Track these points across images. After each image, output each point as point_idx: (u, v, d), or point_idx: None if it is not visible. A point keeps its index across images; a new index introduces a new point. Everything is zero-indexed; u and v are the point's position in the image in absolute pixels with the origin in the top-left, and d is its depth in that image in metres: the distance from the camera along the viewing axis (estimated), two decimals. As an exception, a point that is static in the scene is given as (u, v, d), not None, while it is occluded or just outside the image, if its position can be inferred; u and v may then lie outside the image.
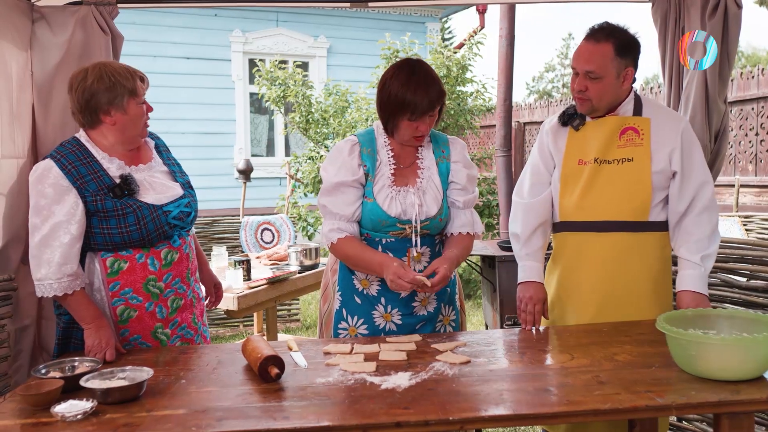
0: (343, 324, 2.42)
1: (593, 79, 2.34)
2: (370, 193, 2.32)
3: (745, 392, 1.71)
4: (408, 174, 2.37)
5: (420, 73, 2.24)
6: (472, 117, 7.76)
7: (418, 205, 2.30)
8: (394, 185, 2.33)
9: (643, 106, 2.45)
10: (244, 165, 6.71)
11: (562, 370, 1.92)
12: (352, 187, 2.31)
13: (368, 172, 2.32)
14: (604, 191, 2.40)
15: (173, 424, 1.62)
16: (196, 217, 2.43)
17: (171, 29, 9.16)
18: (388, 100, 2.26)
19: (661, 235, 2.44)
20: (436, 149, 2.41)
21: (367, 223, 2.34)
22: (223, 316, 5.65)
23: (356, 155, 2.33)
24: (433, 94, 2.22)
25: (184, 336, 2.39)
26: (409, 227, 2.31)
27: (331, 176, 2.32)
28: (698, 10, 2.81)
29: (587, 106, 2.41)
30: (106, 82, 2.18)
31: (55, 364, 1.99)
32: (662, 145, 2.38)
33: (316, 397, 1.76)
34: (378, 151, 2.36)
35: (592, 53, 2.34)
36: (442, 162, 2.39)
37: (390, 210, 2.29)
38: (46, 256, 2.14)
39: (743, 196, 6.75)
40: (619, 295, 2.40)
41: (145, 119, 2.30)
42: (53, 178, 2.15)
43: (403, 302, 2.37)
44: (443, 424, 1.61)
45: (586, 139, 2.45)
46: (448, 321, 2.48)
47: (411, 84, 2.21)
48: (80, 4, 2.77)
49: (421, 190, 2.34)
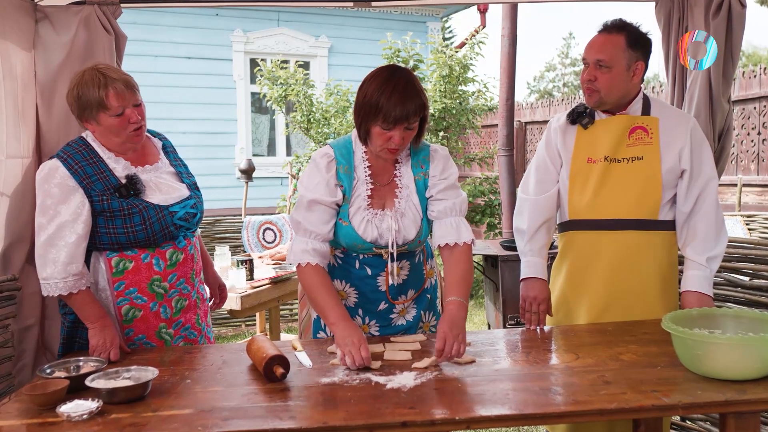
0: (321, 334, 2.37)
1: (603, 68, 2.34)
2: (345, 216, 2.19)
3: (751, 392, 1.71)
4: (385, 194, 2.24)
5: (400, 80, 2.07)
6: (473, 116, 7.76)
7: (395, 231, 2.18)
8: (370, 207, 2.21)
9: (652, 106, 2.45)
10: (246, 165, 6.70)
11: (567, 369, 1.92)
12: (327, 206, 2.18)
13: (344, 193, 2.20)
14: (616, 190, 2.40)
15: (179, 423, 1.62)
16: (201, 218, 2.43)
17: (172, 29, 9.15)
18: (362, 103, 2.10)
19: (670, 234, 2.44)
20: (414, 165, 2.25)
21: (341, 243, 2.24)
22: (225, 315, 5.65)
23: (333, 174, 2.19)
24: (409, 104, 2.04)
25: (188, 336, 2.39)
26: (386, 252, 2.21)
27: (309, 192, 2.18)
28: (702, 10, 2.81)
29: (595, 97, 2.39)
30: (74, 95, 2.18)
31: (60, 364, 1.99)
32: (672, 143, 2.39)
33: (321, 396, 1.77)
34: (355, 167, 2.22)
35: (604, 43, 2.36)
36: (420, 179, 2.24)
37: (366, 235, 2.19)
38: (51, 255, 2.14)
39: (745, 195, 6.74)
40: (629, 294, 2.40)
41: (131, 128, 2.21)
42: (60, 178, 2.16)
43: (381, 315, 2.30)
44: (449, 423, 1.61)
45: (595, 137, 2.45)
46: (428, 327, 2.40)
47: (387, 88, 2.05)
48: (83, 4, 2.77)
49: (399, 213, 2.21)
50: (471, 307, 6.89)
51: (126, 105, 2.18)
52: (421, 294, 2.37)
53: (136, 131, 2.24)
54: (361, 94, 2.12)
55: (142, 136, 2.28)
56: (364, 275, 2.27)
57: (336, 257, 2.31)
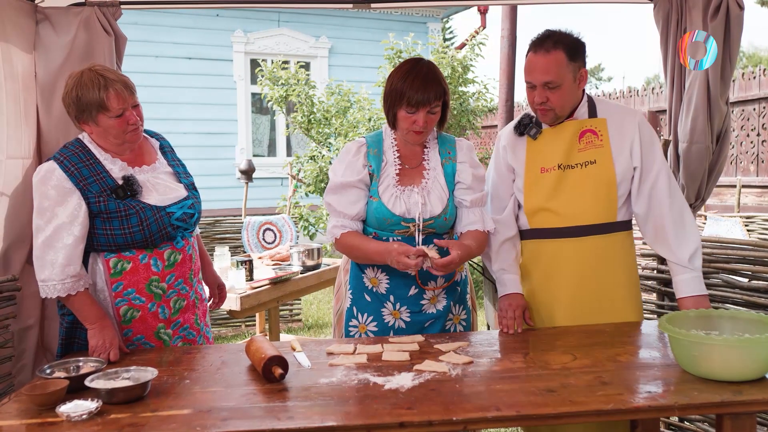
0: (354, 322, 2.46)
1: (552, 89, 2.31)
2: (375, 193, 2.36)
3: (748, 393, 1.72)
4: (413, 174, 2.40)
5: (421, 69, 2.30)
6: (474, 117, 7.77)
7: (421, 204, 2.33)
8: (398, 185, 2.37)
9: (597, 107, 2.45)
10: (246, 165, 6.71)
11: (565, 370, 1.92)
12: (356, 188, 2.36)
13: (373, 172, 2.37)
14: (573, 196, 2.40)
15: (178, 424, 1.62)
16: (199, 218, 2.44)
17: (173, 30, 9.17)
18: (389, 90, 2.32)
19: (628, 234, 2.48)
20: (442, 150, 2.43)
21: (372, 222, 2.37)
22: (225, 316, 5.66)
23: (362, 156, 2.39)
24: (430, 90, 2.26)
25: (186, 337, 2.40)
26: (413, 225, 2.34)
27: (337, 176, 2.38)
28: (700, 11, 2.81)
29: (550, 116, 2.38)
30: (73, 96, 2.18)
31: (59, 364, 1.99)
32: (621, 142, 2.40)
33: (320, 397, 1.77)
34: (384, 152, 2.41)
35: (546, 64, 2.30)
36: (447, 163, 2.41)
37: (394, 209, 2.33)
38: (49, 257, 2.15)
39: (745, 196, 6.75)
40: (596, 297, 2.41)
41: (129, 129, 2.22)
42: (56, 180, 2.16)
43: (412, 300, 2.39)
44: (447, 424, 1.62)
45: (546, 146, 2.45)
46: (458, 320, 2.50)
47: (409, 77, 2.27)
48: (83, 5, 2.78)
49: (425, 190, 2.36)
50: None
51: (126, 106, 2.19)
52: (452, 285, 2.46)
53: (134, 131, 2.24)
54: (388, 83, 2.34)
55: (139, 136, 2.29)
56: None
57: None
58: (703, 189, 2.97)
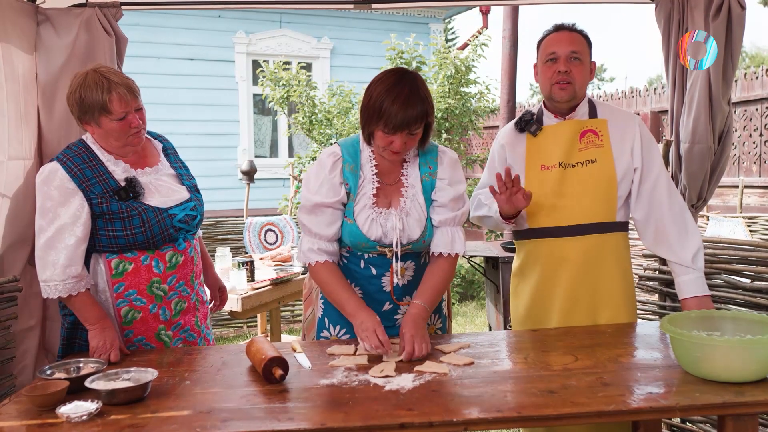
0: (325, 333, 2.38)
1: (576, 61, 2.37)
2: (350, 214, 2.21)
3: (750, 394, 1.71)
4: (391, 193, 2.25)
5: (404, 87, 2.07)
6: (476, 118, 7.76)
7: (399, 230, 2.19)
8: (375, 206, 2.22)
9: (597, 109, 2.48)
10: (248, 166, 6.71)
11: (566, 371, 1.92)
12: (332, 208, 2.20)
13: (350, 191, 2.21)
14: (574, 195, 2.41)
15: (178, 425, 1.62)
16: (201, 220, 2.44)
17: (174, 31, 9.17)
18: (366, 105, 2.12)
19: (624, 235, 2.49)
20: (423, 164, 2.26)
21: (347, 241, 2.25)
22: (226, 317, 5.66)
23: (338, 172, 2.21)
24: (411, 111, 2.05)
25: (187, 339, 2.39)
26: (390, 251, 2.22)
27: (312, 194, 2.21)
28: (702, 11, 2.81)
29: (569, 90, 2.40)
30: (76, 97, 2.18)
31: (60, 365, 1.99)
32: (622, 143, 2.42)
33: (320, 398, 1.77)
34: (362, 166, 2.23)
35: (572, 37, 2.40)
36: (427, 179, 2.25)
37: (370, 233, 2.19)
38: (51, 257, 2.15)
39: (747, 197, 6.74)
40: (594, 297, 2.42)
41: (131, 133, 2.22)
42: (59, 181, 2.16)
43: (385, 315, 2.27)
44: (447, 425, 1.61)
45: (546, 143, 2.46)
46: (434, 330, 2.42)
47: (392, 93, 2.05)
48: (84, 6, 2.78)
49: (404, 212, 2.22)
50: (473, 308, 6.89)
51: (128, 110, 2.19)
52: None
53: (136, 134, 2.24)
54: (367, 96, 2.13)
55: (141, 138, 2.28)
56: (368, 275, 2.27)
57: (342, 256, 2.31)
58: (705, 189, 2.97)
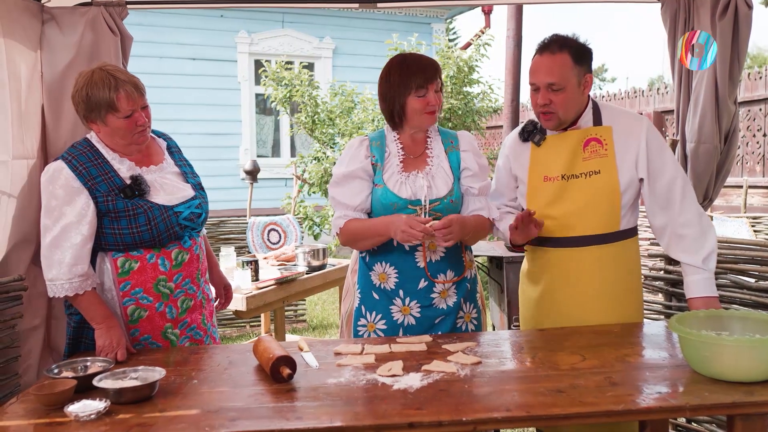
0: (362, 321, 2.45)
1: (556, 91, 2.29)
2: (380, 180, 2.38)
3: (759, 393, 1.71)
4: (417, 162, 2.43)
5: (412, 55, 2.39)
6: (479, 118, 7.75)
7: (427, 187, 2.35)
8: (403, 171, 2.39)
9: (602, 114, 2.41)
10: (251, 166, 6.71)
11: (574, 371, 1.91)
12: (359, 178, 2.39)
13: (377, 161, 2.40)
14: (577, 207, 2.37)
15: (186, 424, 1.62)
16: (206, 218, 2.44)
17: (177, 30, 9.17)
18: (389, 87, 2.36)
19: (632, 241, 2.45)
20: (444, 140, 2.46)
21: (378, 209, 2.38)
22: (230, 316, 5.66)
23: (365, 148, 2.42)
24: (430, 66, 2.34)
25: (193, 337, 2.39)
26: (420, 209, 2.34)
27: (339, 168, 2.42)
28: (708, 11, 2.80)
29: (554, 120, 2.35)
30: (83, 95, 2.18)
31: (67, 364, 1.99)
32: (626, 152, 2.35)
33: (328, 397, 1.76)
34: (387, 145, 2.44)
35: (550, 65, 2.29)
36: (451, 151, 2.44)
37: (401, 192, 2.35)
38: (56, 256, 2.15)
39: (751, 197, 6.73)
40: (600, 303, 2.40)
41: (137, 131, 2.22)
42: (64, 180, 2.16)
43: (422, 294, 2.38)
44: (456, 424, 1.61)
45: (549, 154, 2.42)
46: (469, 318, 2.49)
47: (407, 60, 2.36)
48: (90, 5, 2.78)
49: (430, 175, 2.39)
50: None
51: (135, 108, 2.19)
52: (462, 281, 2.44)
53: (141, 132, 2.24)
54: (384, 83, 2.38)
55: (146, 137, 2.29)
56: (402, 251, 2.38)
57: None
58: (711, 189, 2.96)
